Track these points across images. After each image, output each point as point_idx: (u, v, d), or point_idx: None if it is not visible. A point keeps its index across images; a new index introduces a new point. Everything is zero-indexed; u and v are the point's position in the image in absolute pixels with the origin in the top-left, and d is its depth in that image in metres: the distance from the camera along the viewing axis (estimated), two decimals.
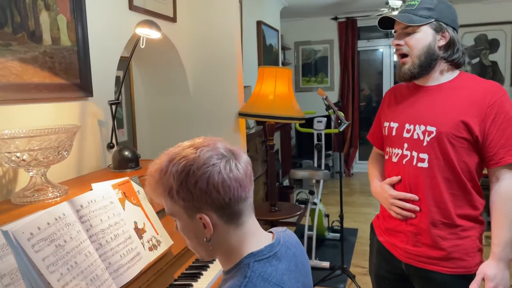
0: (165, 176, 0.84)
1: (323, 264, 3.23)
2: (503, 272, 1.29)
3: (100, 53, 1.82)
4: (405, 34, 1.37)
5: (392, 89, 1.56)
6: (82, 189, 1.38)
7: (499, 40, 5.76)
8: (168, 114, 2.77)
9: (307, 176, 3.44)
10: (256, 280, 0.81)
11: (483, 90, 1.33)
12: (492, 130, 1.30)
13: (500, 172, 1.32)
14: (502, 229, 1.30)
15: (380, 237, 1.53)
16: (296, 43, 6.68)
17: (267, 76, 2.66)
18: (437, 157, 1.33)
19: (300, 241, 1.04)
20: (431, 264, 1.37)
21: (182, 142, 0.89)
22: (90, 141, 1.75)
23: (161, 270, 1.49)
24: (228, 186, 0.82)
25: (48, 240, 1.07)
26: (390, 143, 1.47)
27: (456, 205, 1.34)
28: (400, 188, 1.42)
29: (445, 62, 1.37)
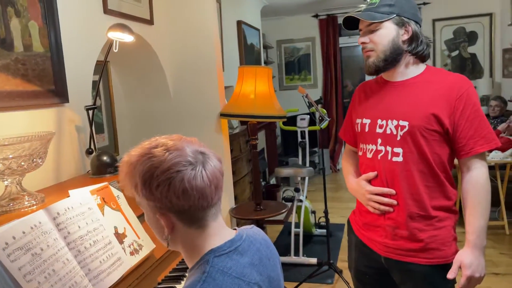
0: (132, 171, 0.86)
1: (310, 261, 3.25)
2: (478, 259, 1.32)
3: (75, 59, 1.80)
4: (369, 32, 1.39)
5: (362, 86, 1.57)
6: (60, 196, 1.37)
7: (477, 33, 5.85)
8: (149, 117, 2.76)
9: (291, 173, 3.45)
10: (216, 274, 0.82)
11: (451, 83, 1.36)
12: (461, 122, 1.33)
13: (471, 162, 1.35)
14: (475, 217, 1.34)
15: (357, 232, 1.54)
16: (278, 41, 6.70)
17: (247, 76, 2.66)
18: (411, 151, 1.35)
19: (268, 238, 1.04)
20: (410, 256, 1.39)
21: (160, 136, 0.90)
22: (67, 148, 1.74)
23: (144, 274, 1.48)
24: (189, 195, 0.82)
25: (24, 249, 1.06)
26: (364, 139, 1.48)
27: (431, 197, 1.37)
28: (377, 183, 1.43)
29: (410, 55, 1.40)
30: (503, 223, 3.68)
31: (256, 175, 2.89)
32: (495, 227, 3.77)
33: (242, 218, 2.69)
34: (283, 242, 3.69)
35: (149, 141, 0.89)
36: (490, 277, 2.93)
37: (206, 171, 0.84)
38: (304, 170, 3.39)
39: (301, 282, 2.93)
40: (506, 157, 3.69)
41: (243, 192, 3.79)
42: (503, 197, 3.67)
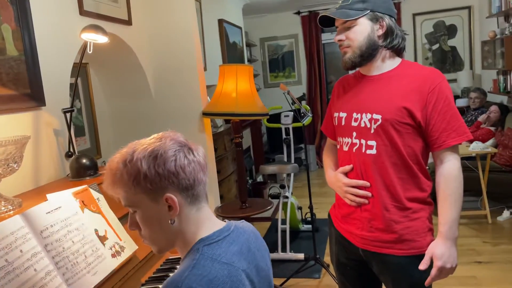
0: (130, 164, 0.87)
1: (297, 256, 3.27)
2: (450, 250, 1.34)
3: (51, 61, 1.78)
4: (345, 29, 1.41)
5: (340, 80, 1.60)
6: (38, 201, 1.36)
7: (456, 26, 5.93)
8: (131, 118, 2.75)
9: (276, 170, 3.47)
10: (205, 261, 0.86)
11: (423, 77, 1.37)
12: (433, 115, 1.34)
13: (443, 155, 1.37)
14: (447, 208, 1.35)
15: (336, 225, 1.56)
16: (261, 39, 6.71)
17: (228, 74, 2.66)
18: (384, 143, 1.37)
19: (258, 232, 1.07)
20: (386, 247, 1.41)
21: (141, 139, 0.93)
22: (46, 151, 1.72)
23: (127, 275, 1.48)
24: (193, 168, 0.89)
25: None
26: (340, 132, 1.51)
27: (405, 188, 1.39)
28: (353, 176, 1.46)
29: (386, 49, 1.42)
30: (485, 212, 3.75)
31: (241, 172, 2.89)
32: (477, 216, 3.84)
33: (228, 216, 2.69)
34: (271, 239, 3.70)
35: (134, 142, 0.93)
36: (473, 266, 2.99)
37: (199, 152, 0.93)
38: (289, 166, 3.41)
39: (288, 278, 2.95)
40: (486, 147, 3.75)
41: (229, 191, 3.79)
42: (485, 187, 3.74)
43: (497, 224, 3.70)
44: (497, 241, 3.36)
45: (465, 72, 5.76)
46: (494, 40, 4.82)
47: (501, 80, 4.61)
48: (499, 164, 3.91)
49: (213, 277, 0.82)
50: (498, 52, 4.75)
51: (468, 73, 5.74)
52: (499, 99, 4.92)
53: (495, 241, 3.38)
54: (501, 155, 3.92)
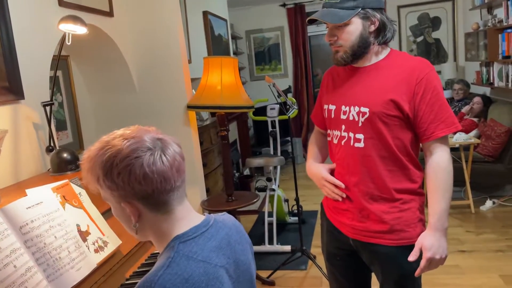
0: (93, 165, 0.86)
1: (284, 248, 3.28)
2: (439, 241, 1.33)
3: (29, 54, 1.74)
4: (336, 28, 1.37)
5: (329, 71, 1.57)
6: (18, 196, 1.32)
7: (440, 18, 5.97)
8: (114, 111, 2.71)
9: (262, 163, 3.46)
10: (180, 259, 0.83)
11: (411, 67, 1.35)
12: (421, 107, 1.33)
13: (432, 146, 1.36)
14: (437, 200, 1.34)
15: (328, 215, 1.56)
16: (247, 31, 6.66)
17: (213, 67, 2.64)
18: (372, 137, 1.36)
19: (240, 225, 1.06)
20: (376, 237, 1.41)
21: (117, 130, 0.90)
22: (25, 146, 1.68)
23: (111, 270, 1.46)
24: (151, 179, 0.84)
25: None
26: (330, 125, 1.50)
27: (394, 181, 1.38)
28: (339, 168, 1.47)
29: (378, 44, 1.40)
30: (468, 202, 3.81)
31: (227, 165, 2.88)
32: (461, 206, 3.90)
33: (214, 210, 2.68)
34: (258, 232, 3.71)
35: (107, 135, 0.90)
36: (456, 254, 3.04)
37: (166, 155, 0.86)
38: (275, 159, 3.40)
39: (275, 270, 2.96)
40: (469, 138, 3.81)
41: (216, 184, 3.78)
42: (468, 177, 3.80)
43: (480, 214, 3.77)
44: (480, 231, 3.43)
45: (449, 64, 5.81)
46: (477, 32, 4.87)
47: (484, 71, 4.67)
48: (482, 155, 3.97)
49: (188, 276, 0.81)
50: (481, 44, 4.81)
51: (452, 65, 5.80)
52: (482, 90, 4.98)
53: (478, 230, 3.44)
54: (484, 145, 3.98)
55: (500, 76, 4.22)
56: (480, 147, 4.00)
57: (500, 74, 4.23)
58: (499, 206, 3.87)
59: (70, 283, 1.22)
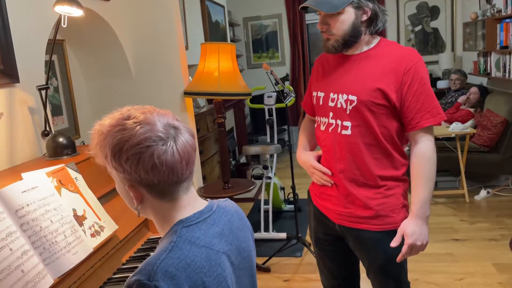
0: (103, 142, 0.85)
1: (280, 235, 3.30)
2: (421, 228, 1.37)
3: (25, 36, 1.71)
4: (329, 16, 1.38)
5: (320, 58, 1.58)
6: (13, 180, 1.32)
7: (439, 7, 5.94)
8: (110, 97, 2.69)
9: (259, 151, 3.46)
10: (183, 244, 0.83)
11: (399, 57, 1.37)
12: (408, 96, 1.35)
13: (417, 136, 1.39)
14: (419, 188, 1.38)
15: (315, 201, 1.59)
16: (244, 18, 6.60)
17: (210, 53, 2.62)
18: (359, 124, 1.39)
19: (242, 211, 1.05)
20: (361, 223, 1.44)
21: (133, 107, 0.88)
22: (21, 130, 1.67)
23: (107, 255, 1.46)
24: (158, 171, 0.82)
25: None
26: (318, 112, 1.52)
27: (379, 168, 1.41)
28: (326, 155, 1.50)
29: (369, 34, 1.41)
30: (463, 191, 3.84)
31: (224, 152, 2.88)
32: (455, 195, 3.93)
33: (210, 196, 2.68)
34: (254, 219, 3.72)
35: (121, 111, 0.88)
36: (450, 243, 3.07)
37: (177, 146, 0.83)
38: (272, 147, 3.40)
39: (270, 257, 2.98)
40: (465, 128, 3.82)
41: (212, 172, 3.78)
42: (463, 166, 3.82)
43: (474, 203, 3.80)
44: (473, 220, 3.46)
45: (446, 54, 5.80)
46: (475, 22, 4.85)
47: (481, 62, 4.67)
48: (477, 145, 3.99)
49: (190, 261, 0.81)
50: (479, 34, 4.79)
51: (449, 55, 5.79)
52: (479, 80, 4.98)
53: (471, 219, 3.47)
54: (480, 135, 4.00)
55: (498, 66, 4.22)
56: (476, 137, 4.02)
57: (497, 64, 4.23)
58: (493, 196, 3.90)
59: (66, 266, 1.22)
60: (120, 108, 0.88)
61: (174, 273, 0.78)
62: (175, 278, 0.78)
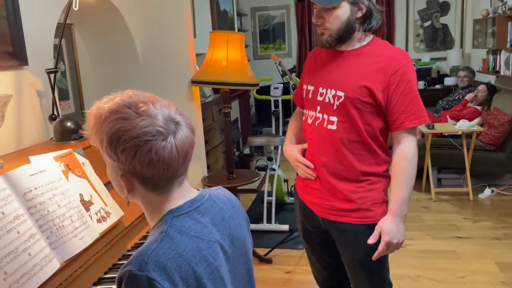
0: (100, 127, 0.82)
1: (282, 227, 3.30)
2: (398, 226, 1.39)
3: (34, 19, 1.70)
4: (324, 10, 1.38)
5: (313, 52, 1.59)
6: (21, 163, 1.31)
7: (449, 3, 5.87)
8: (117, 83, 2.67)
9: (264, 143, 3.45)
10: (173, 233, 0.82)
11: (389, 58, 1.38)
12: (394, 97, 1.37)
13: (401, 136, 1.41)
14: (399, 187, 1.40)
15: (300, 194, 1.61)
16: (252, 8, 6.55)
17: (219, 42, 2.59)
18: (345, 120, 1.41)
19: (236, 198, 1.04)
20: (343, 216, 1.47)
21: (133, 93, 0.85)
22: (28, 113, 1.66)
23: (112, 241, 1.46)
24: (154, 166, 0.81)
25: None
26: (307, 105, 1.54)
27: (362, 164, 1.44)
28: (310, 148, 1.52)
29: (362, 31, 1.42)
30: (467, 189, 3.82)
31: (229, 143, 2.87)
32: (460, 193, 3.92)
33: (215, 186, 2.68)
34: (256, 210, 3.72)
35: (121, 95, 0.85)
36: (453, 240, 3.07)
37: (176, 143, 0.81)
38: (277, 139, 3.39)
39: (272, 248, 2.98)
40: (472, 126, 3.79)
41: (216, 162, 3.77)
42: (468, 164, 3.80)
43: (478, 202, 3.78)
44: (477, 218, 3.45)
45: (455, 51, 5.74)
46: (486, 19, 4.80)
47: (490, 59, 4.62)
48: (483, 143, 3.96)
49: (181, 251, 0.80)
50: (489, 31, 4.74)
51: (458, 51, 5.73)
52: (487, 78, 4.94)
53: (475, 217, 3.46)
54: (486, 134, 3.97)
55: (507, 64, 4.17)
56: (482, 135, 3.99)
57: (507, 63, 4.19)
58: (497, 195, 3.89)
59: (73, 251, 1.22)
60: (121, 91, 0.85)
61: (165, 263, 0.77)
62: (166, 268, 0.77)
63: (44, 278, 1.10)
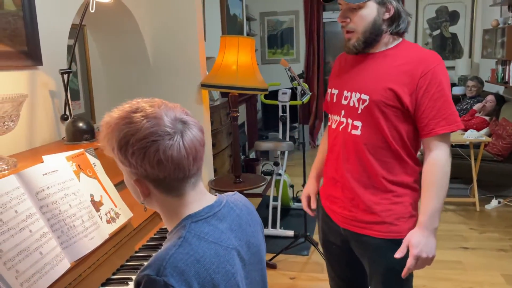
0: (110, 134, 0.85)
1: (287, 233, 3.30)
2: (427, 239, 1.29)
3: (49, 19, 1.71)
4: (350, 10, 1.33)
5: (339, 56, 1.56)
6: (33, 162, 1.32)
7: (459, 12, 5.87)
8: (127, 84, 2.69)
9: (271, 147, 3.45)
10: (192, 239, 0.82)
11: (418, 59, 1.31)
12: (424, 101, 1.29)
13: (431, 143, 1.32)
14: (429, 198, 1.31)
15: (323, 203, 1.56)
16: (261, 13, 6.57)
17: (229, 46, 2.60)
18: (370, 125, 1.34)
19: (251, 205, 1.04)
20: (365, 228, 1.39)
21: (142, 100, 0.87)
22: (41, 113, 1.67)
23: (121, 242, 1.47)
24: (164, 166, 0.81)
25: None
26: (331, 109, 1.49)
27: (388, 172, 1.36)
28: (333, 154, 1.47)
29: (390, 34, 1.36)
30: (474, 200, 3.80)
31: (236, 147, 2.87)
32: (466, 203, 3.90)
33: (221, 190, 2.68)
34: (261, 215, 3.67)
35: (130, 103, 0.87)
36: (459, 251, 3.05)
37: (184, 141, 0.82)
38: (284, 144, 3.39)
39: (277, 253, 2.98)
40: (480, 136, 3.78)
41: (223, 165, 3.78)
42: (476, 175, 3.78)
43: (484, 212, 3.76)
44: (483, 229, 3.42)
45: (463, 60, 5.73)
46: (495, 29, 4.79)
47: (499, 70, 4.61)
48: (491, 154, 3.94)
49: (199, 257, 0.80)
50: (499, 42, 4.73)
51: (466, 61, 5.72)
52: (496, 89, 4.92)
53: (481, 228, 3.44)
54: (494, 144, 3.95)
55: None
56: (490, 146, 3.97)
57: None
58: (504, 206, 3.86)
59: (83, 251, 1.22)
60: (130, 100, 0.87)
61: (183, 268, 0.77)
62: (184, 274, 0.77)
63: (55, 277, 1.10)
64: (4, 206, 1.07)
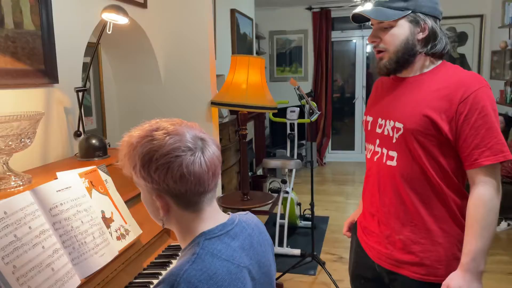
0: (132, 152, 0.87)
1: (294, 252, 3.28)
2: (469, 284, 1.16)
3: (66, 39, 1.77)
4: (381, 29, 1.26)
5: (377, 81, 1.48)
6: (47, 178, 1.35)
7: (467, 33, 5.91)
8: (138, 102, 2.73)
9: (279, 165, 3.46)
10: (205, 256, 0.84)
11: (456, 82, 1.20)
12: (464, 129, 1.17)
13: (475, 175, 1.19)
14: (472, 237, 1.18)
15: (358, 235, 1.48)
16: (270, 32, 6.67)
17: (240, 65, 2.65)
18: (406, 156, 1.24)
19: (262, 224, 1.06)
20: (400, 267, 1.30)
21: (161, 120, 0.91)
22: (55, 129, 1.71)
23: (129, 259, 1.48)
24: (186, 180, 0.84)
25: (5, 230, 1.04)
26: (367, 138, 1.41)
27: (428, 207, 1.25)
28: (368, 187, 1.39)
29: (425, 55, 1.26)
30: None
31: (245, 164, 2.89)
32: None
33: (229, 207, 2.69)
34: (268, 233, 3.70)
35: (149, 123, 0.90)
36: None
37: (205, 157, 0.86)
38: (292, 162, 3.40)
39: (284, 273, 2.96)
40: None
41: (230, 182, 3.79)
42: None
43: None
44: (493, 251, 3.38)
45: None
46: (504, 51, 4.81)
47: (508, 91, 4.61)
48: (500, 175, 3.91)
49: (212, 274, 0.82)
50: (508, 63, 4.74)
51: None
52: (505, 110, 4.92)
53: (491, 251, 3.32)
54: (503, 166, 3.92)
55: None
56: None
57: None
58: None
59: (93, 268, 1.24)
60: (148, 121, 0.91)
61: (197, 284, 0.79)
62: None
63: None
64: (18, 222, 1.09)
